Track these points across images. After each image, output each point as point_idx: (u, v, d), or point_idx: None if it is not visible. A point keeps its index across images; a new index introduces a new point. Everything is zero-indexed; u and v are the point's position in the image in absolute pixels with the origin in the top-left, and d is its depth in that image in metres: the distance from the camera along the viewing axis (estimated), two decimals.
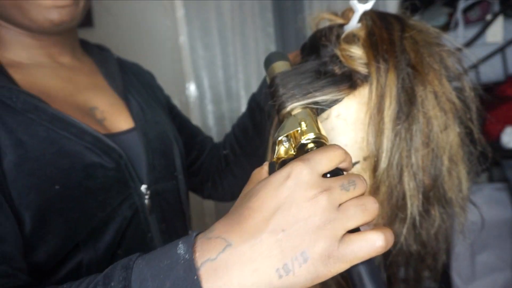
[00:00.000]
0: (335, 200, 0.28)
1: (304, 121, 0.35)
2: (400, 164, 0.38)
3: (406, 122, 0.37)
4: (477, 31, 1.23)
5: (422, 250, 0.42)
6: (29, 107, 0.42)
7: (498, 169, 1.32)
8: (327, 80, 0.39)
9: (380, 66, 0.38)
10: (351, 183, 0.29)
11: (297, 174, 0.28)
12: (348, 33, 0.42)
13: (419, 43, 0.40)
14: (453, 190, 0.41)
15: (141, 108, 0.58)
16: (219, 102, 1.96)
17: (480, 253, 1.22)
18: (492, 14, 1.22)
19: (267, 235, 0.27)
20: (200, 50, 1.92)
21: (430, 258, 0.43)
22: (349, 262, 0.27)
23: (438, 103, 0.39)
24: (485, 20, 1.24)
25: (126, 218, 0.48)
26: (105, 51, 0.65)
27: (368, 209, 0.29)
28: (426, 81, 0.39)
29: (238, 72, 1.91)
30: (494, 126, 1.16)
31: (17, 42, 0.50)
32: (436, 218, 0.41)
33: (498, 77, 1.25)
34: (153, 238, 0.52)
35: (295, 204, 0.28)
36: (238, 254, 0.27)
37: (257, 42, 1.89)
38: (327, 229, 0.27)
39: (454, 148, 0.40)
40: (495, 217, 1.18)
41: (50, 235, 0.41)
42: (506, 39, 1.21)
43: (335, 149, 0.30)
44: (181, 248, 0.29)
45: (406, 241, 0.40)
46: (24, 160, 0.40)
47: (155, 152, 0.55)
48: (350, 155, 0.32)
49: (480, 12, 1.32)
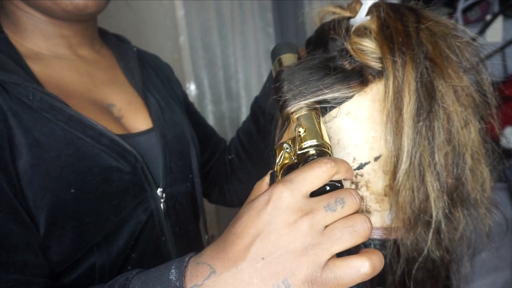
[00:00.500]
0: (319, 223, 0.27)
1: (305, 126, 0.33)
2: (422, 164, 0.36)
3: (427, 119, 0.35)
4: (477, 31, 1.23)
5: (445, 257, 0.39)
6: (45, 106, 0.41)
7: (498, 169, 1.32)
8: (336, 76, 0.37)
9: (397, 59, 0.36)
10: (338, 202, 0.28)
11: (276, 199, 0.28)
12: (359, 26, 0.39)
13: (436, 34, 0.38)
14: (477, 190, 0.39)
15: (159, 107, 0.57)
16: (219, 102, 1.96)
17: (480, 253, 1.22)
18: (492, 14, 1.22)
19: (247, 263, 0.27)
20: (200, 50, 1.92)
21: (455, 265, 0.41)
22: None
23: (457, 98, 0.37)
24: (485, 20, 1.24)
25: (140, 222, 0.47)
26: (125, 43, 0.64)
27: (357, 231, 0.27)
28: (446, 74, 0.36)
29: (238, 72, 1.91)
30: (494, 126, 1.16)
31: (37, 30, 0.49)
32: (461, 221, 0.39)
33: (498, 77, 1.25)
34: (167, 241, 0.52)
35: (275, 230, 0.27)
36: (222, 281, 0.28)
37: (257, 42, 1.89)
38: (309, 255, 0.27)
39: (476, 145, 0.38)
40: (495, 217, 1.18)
41: (63, 238, 0.41)
42: (505, 39, 1.21)
43: (321, 165, 0.29)
44: (173, 274, 0.30)
45: (428, 247, 0.38)
46: (40, 161, 0.39)
47: (172, 153, 0.54)
48: (347, 162, 0.30)
49: (480, 12, 1.32)
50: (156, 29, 1.93)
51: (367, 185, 0.40)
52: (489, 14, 1.26)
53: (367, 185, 0.40)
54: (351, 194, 0.29)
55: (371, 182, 0.40)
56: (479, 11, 1.33)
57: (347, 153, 0.40)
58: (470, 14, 1.35)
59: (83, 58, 0.54)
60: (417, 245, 0.38)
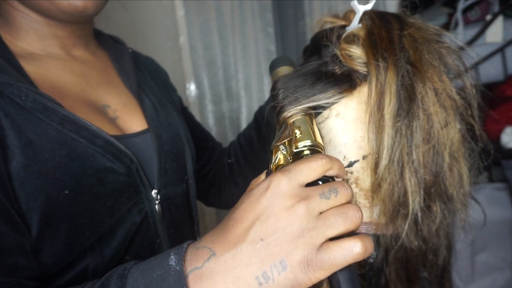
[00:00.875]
0: (314, 209, 0.29)
1: (300, 128, 0.36)
2: (401, 161, 0.39)
3: (406, 119, 0.38)
4: (477, 31, 1.23)
5: (423, 246, 0.42)
6: (38, 106, 0.41)
7: (498, 169, 1.32)
8: (328, 80, 0.40)
9: (380, 64, 0.39)
10: (332, 191, 0.30)
11: (275, 185, 0.30)
12: (349, 33, 0.43)
13: (417, 40, 0.41)
14: (454, 186, 0.42)
15: (154, 109, 0.56)
16: (219, 102, 1.96)
17: (480, 253, 1.22)
18: (492, 14, 1.22)
19: (246, 244, 0.29)
20: (200, 50, 1.92)
21: (431, 254, 0.44)
22: (328, 269, 0.28)
23: (438, 99, 0.39)
24: (485, 20, 1.24)
25: (135, 224, 0.47)
26: (120, 44, 0.63)
27: (350, 218, 0.29)
28: (426, 78, 0.39)
29: (238, 72, 1.91)
30: (494, 126, 1.16)
31: (32, 31, 0.49)
32: (438, 214, 0.41)
33: (498, 77, 1.25)
34: (162, 244, 0.51)
35: (273, 214, 0.29)
36: (221, 262, 0.29)
37: (257, 42, 1.89)
38: (305, 237, 0.28)
39: (455, 144, 0.41)
40: (495, 217, 1.18)
41: (56, 240, 0.40)
42: (506, 39, 1.21)
43: (318, 159, 0.31)
44: (172, 260, 0.30)
45: (408, 237, 0.41)
46: (33, 162, 0.39)
47: (167, 155, 0.53)
48: (340, 161, 0.33)
49: (480, 12, 1.32)
50: (156, 29, 1.93)
51: (357, 182, 0.42)
52: (489, 14, 1.26)
53: (356, 182, 0.42)
54: (344, 186, 0.31)
55: (360, 179, 0.42)
56: (479, 11, 1.33)
57: (338, 152, 0.42)
58: (470, 14, 1.35)
59: (77, 59, 0.53)
60: (397, 236, 0.41)
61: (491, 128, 1.17)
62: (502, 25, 1.20)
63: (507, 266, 1.21)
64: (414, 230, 0.41)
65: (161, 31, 1.93)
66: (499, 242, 1.20)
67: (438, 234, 0.42)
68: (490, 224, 1.19)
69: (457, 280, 1.23)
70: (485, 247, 1.20)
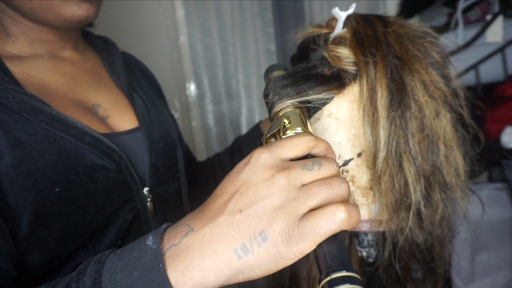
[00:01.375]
0: (295, 179, 0.28)
1: (289, 118, 0.35)
2: (399, 151, 0.39)
3: (399, 109, 0.39)
4: (477, 31, 1.23)
5: (428, 239, 0.42)
6: (26, 107, 0.41)
7: (498, 169, 1.32)
8: (317, 80, 0.41)
9: (369, 60, 0.40)
10: (315, 163, 0.28)
11: (256, 158, 0.29)
12: (335, 36, 0.44)
13: (402, 36, 0.43)
14: (452, 174, 0.42)
15: (146, 107, 0.56)
16: (219, 102, 1.96)
17: (480, 253, 1.22)
18: (492, 14, 1.22)
19: (225, 216, 0.28)
20: (200, 50, 1.92)
21: (437, 246, 0.44)
22: (312, 240, 0.26)
23: (427, 91, 0.41)
24: (485, 20, 1.24)
25: (127, 221, 0.47)
26: (110, 45, 0.63)
27: (335, 188, 0.27)
28: (414, 70, 0.40)
29: (238, 72, 1.91)
30: (494, 126, 1.16)
31: (23, 36, 0.49)
32: (439, 203, 0.42)
33: (498, 77, 1.25)
34: None
35: (252, 185, 0.28)
36: (199, 237, 0.28)
37: (257, 42, 1.89)
38: (286, 207, 0.27)
39: (448, 133, 0.42)
40: (495, 217, 1.18)
41: (47, 238, 0.40)
42: (506, 39, 1.21)
43: (301, 136, 0.30)
44: (149, 240, 0.29)
45: (412, 231, 0.41)
46: (22, 161, 0.39)
47: (159, 153, 0.53)
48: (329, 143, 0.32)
49: (480, 12, 1.32)
50: (156, 29, 1.93)
51: (353, 180, 0.43)
52: (489, 14, 1.26)
53: (352, 180, 0.43)
54: (328, 159, 0.29)
55: (356, 177, 0.43)
56: (479, 11, 1.33)
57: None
58: (470, 14, 1.35)
59: (67, 60, 0.53)
60: (401, 230, 0.41)
61: (491, 128, 1.17)
62: (502, 25, 1.20)
63: (507, 266, 1.21)
64: (418, 223, 0.41)
65: (161, 31, 1.93)
66: (499, 242, 1.20)
67: (442, 225, 0.43)
68: (490, 224, 1.19)
69: (457, 280, 1.23)
70: (485, 247, 1.20)
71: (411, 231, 0.41)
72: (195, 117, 1.96)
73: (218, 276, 0.28)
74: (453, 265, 1.23)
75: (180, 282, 0.28)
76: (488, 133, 1.16)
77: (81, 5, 0.46)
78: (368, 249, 0.45)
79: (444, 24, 1.47)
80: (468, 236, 1.17)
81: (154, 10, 1.91)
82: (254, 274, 0.28)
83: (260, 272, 0.27)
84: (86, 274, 0.30)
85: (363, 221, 0.43)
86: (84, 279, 0.30)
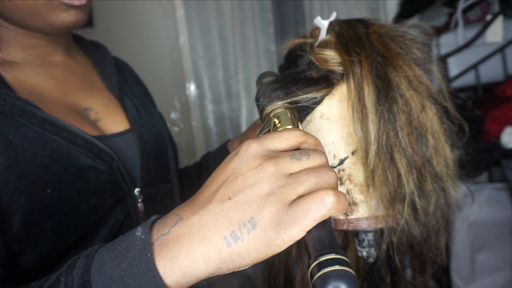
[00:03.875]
0: (284, 167, 0.28)
1: (279, 117, 0.36)
2: (389, 144, 0.40)
3: (386, 104, 0.41)
4: (477, 31, 1.23)
5: (424, 231, 0.43)
6: (17, 111, 0.41)
7: (498, 169, 1.32)
8: (306, 82, 0.43)
9: (354, 59, 0.42)
10: (304, 154, 0.29)
11: (244, 149, 0.29)
12: (321, 41, 0.46)
13: (383, 35, 0.45)
14: (442, 165, 0.44)
15: (137, 110, 0.57)
16: (219, 102, 1.96)
17: (480, 253, 1.22)
18: (492, 14, 1.22)
19: (214, 204, 0.28)
20: (200, 50, 1.92)
21: (433, 236, 0.45)
22: (301, 226, 0.26)
23: (411, 85, 0.42)
24: (485, 20, 1.24)
25: (118, 221, 0.47)
26: (102, 49, 0.64)
27: (323, 176, 0.28)
28: (397, 66, 0.42)
29: (238, 72, 1.91)
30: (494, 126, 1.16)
31: (14, 43, 0.49)
32: (432, 193, 0.43)
33: (498, 77, 1.25)
34: None
35: (241, 174, 0.28)
36: (188, 225, 0.28)
37: (257, 42, 1.90)
38: (275, 193, 0.27)
39: (435, 125, 0.44)
40: (495, 217, 1.18)
41: (41, 238, 0.40)
42: (506, 39, 1.21)
43: (291, 130, 0.30)
44: (139, 231, 0.29)
45: (407, 224, 0.42)
46: (15, 163, 0.39)
47: (150, 155, 0.54)
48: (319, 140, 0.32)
49: (480, 12, 1.32)
50: (156, 29, 1.93)
51: (350, 178, 0.44)
52: (489, 14, 1.26)
53: (349, 178, 0.44)
54: (316, 151, 0.30)
55: (352, 175, 0.44)
56: (479, 11, 1.33)
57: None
58: (470, 14, 1.35)
59: (58, 65, 0.54)
60: (398, 223, 0.42)
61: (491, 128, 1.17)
62: (502, 25, 1.20)
63: (507, 266, 1.21)
64: (412, 215, 0.42)
65: (161, 31, 1.93)
66: (499, 242, 1.20)
67: (436, 215, 0.44)
68: (490, 224, 1.19)
69: (457, 280, 1.23)
70: (485, 247, 1.20)
71: (407, 224, 0.42)
72: (195, 117, 1.96)
73: (208, 264, 0.28)
74: (453, 265, 1.23)
75: (169, 270, 0.28)
76: (488, 133, 1.16)
77: (69, 12, 0.47)
78: (368, 249, 0.45)
79: (444, 24, 1.47)
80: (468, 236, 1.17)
81: (154, 10, 1.91)
82: (243, 263, 0.28)
83: (249, 260, 0.27)
84: (76, 268, 0.30)
85: (362, 218, 0.44)
86: (73, 272, 0.30)
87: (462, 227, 1.15)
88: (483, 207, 1.13)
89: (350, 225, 0.44)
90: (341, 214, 0.44)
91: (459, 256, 1.21)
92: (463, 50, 1.25)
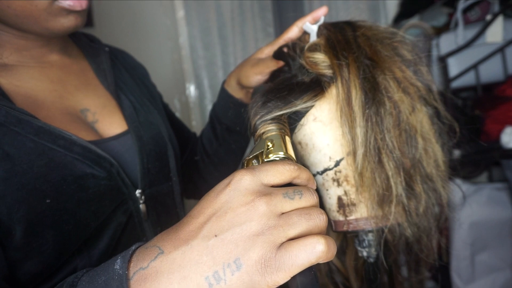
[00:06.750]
0: (276, 206, 0.27)
1: (273, 141, 0.36)
2: (376, 146, 0.41)
3: (373, 107, 0.41)
4: (477, 31, 1.23)
5: (416, 232, 0.43)
6: (12, 120, 0.40)
7: (498, 169, 1.32)
8: (300, 89, 0.43)
9: (341, 62, 0.42)
10: (296, 192, 0.28)
11: (237, 180, 0.28)
12: (310, 44, 0.46)
13: (371, 38, 0.45)
14: (432, 166, 0.44)
15: (134, 108, 0.56)
16: None
17: (480, 253, 1.22)
18: (492, 14, 1.22)
19: (198, 240, 0.26)
20: (200, 50, 1.92)
21: (425, 237, 0.45)
22: (288, 271, 0.25)
23: (401, 87, 0.42)
24: (485, 20, 1.24)
25: (120, 224, 0.47)
26: (95, 43, 0.62)
27: (314, 219, 0.27)
28: (385, 69, 0.42)
29: None
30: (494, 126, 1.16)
31: (9, 45, 0.48)
32: (422, 194, 0.43)
33: (498, 77, 1.25)
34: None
35: (231, 209, 0.27)
36: (169, 261, 0.27)
37: (257, 42, 1.89)
38: (265, 235, 0.26)
39: (425, 126, 0.44)
40: (495, 217, 1.18)
41: (44, 247, 0.40)
42: (506, 39, 1.21)
43: (285, 163, 0.29)
44: (118, 263, 0.28)
45: (400, 226, 0.42)
46: (12, 174, 0.39)
47: (149, 155, 0.53)
48: (308, 170, 0.32)
49: (480, 12, 1.32)
50: (156, 29, 1.93)
51: (347, 180, 0.44)
52: (489, 14, 1.26)
53: (346, 179, 0.44)
54: (309, 190, 0.29)
55: (349, 176, 0.44)
56: (479, 11, 1.33)
57: (323, 154, 0.44)
58: (470, 14, 1.35)
59: (54, 65, 0.53)
60: (391, 223, 0.42)
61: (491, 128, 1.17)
62: (502, 25, 1.20)
63: (507, 266, 1.21)
64: (404, 216, 0.42)
65: (161, 31, 1.93)
66: (499, 242, 1.20)
67: (427, 215, 0.44)
68: (490, 224, 1.19)
69: (457, 280, 1.23)
70: (485, 247, 1.20)
71: (399, 225, 0.42)
72: (195, 117, 1.96)
73: None
74: (453, 265, 1.23)
75: None
76: (488, 133, 1.16)
77: (68, 17, 0.46)
78: (368, 249, 0.45)
79: (444, 24, 1.47)
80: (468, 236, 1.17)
81: (154, 10, 1.91)
82: None
83: None
84: None
85: (362, 218, 0.44)
86: None
87: (462, 227, 1.15)
88: (483, 207, 1.13)
89: (350, 226, 0.44)
90: (341, 216, 0.44)
91: (459, 256, 1.21)
92: (463, 50, 1.25)
